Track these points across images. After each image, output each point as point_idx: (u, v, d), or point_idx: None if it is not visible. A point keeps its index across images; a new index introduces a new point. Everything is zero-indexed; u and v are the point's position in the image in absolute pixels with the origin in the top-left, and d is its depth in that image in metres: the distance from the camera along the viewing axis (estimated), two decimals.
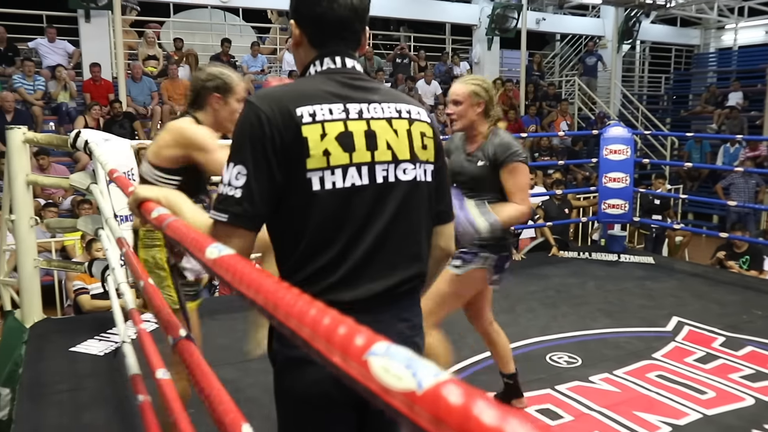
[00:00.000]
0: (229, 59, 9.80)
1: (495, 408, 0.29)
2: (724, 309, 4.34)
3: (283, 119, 1.18)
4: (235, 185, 1.18)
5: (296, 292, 0.47)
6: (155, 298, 1.41)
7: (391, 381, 0.33)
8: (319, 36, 1.29)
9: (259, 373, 3.28)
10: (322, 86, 1.25)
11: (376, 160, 1.24)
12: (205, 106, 2.22)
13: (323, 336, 0.39)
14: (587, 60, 12.55)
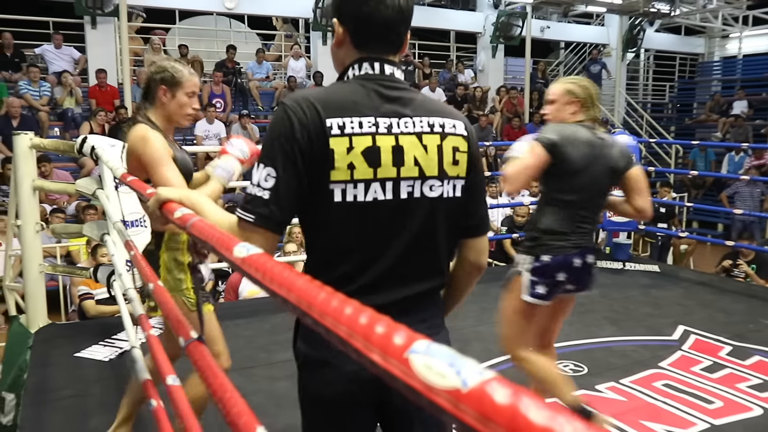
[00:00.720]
0: (234, 66, 9.85)
1: (542, 406, 0.29)
2: (730, 318, 4.32)
3: (314, 127, 1.18)
4: (264, 186, 1.19)
5: (329, 291, 0.47)
6: (165, 301, 1.41)
7: (434, 379, 0.33)
8: (363, 37, 1.26)
9: (263, 381, 3.27)
10: (355, 96, 1.23)
11: (401, 176, 1.23)
12: (154, 99, 2.20)
13: (361, 334, 0.39)
14: (591, 68, 12.57)
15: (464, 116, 1.37)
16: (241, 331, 3.98)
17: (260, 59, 10.38)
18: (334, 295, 0.45)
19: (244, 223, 1.20)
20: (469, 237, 1.40)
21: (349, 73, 1.28)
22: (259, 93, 10.04)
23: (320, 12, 10.00)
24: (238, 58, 10.10)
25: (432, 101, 1.35)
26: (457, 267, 1.44)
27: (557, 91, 2.39)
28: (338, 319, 0.41)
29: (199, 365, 1.05)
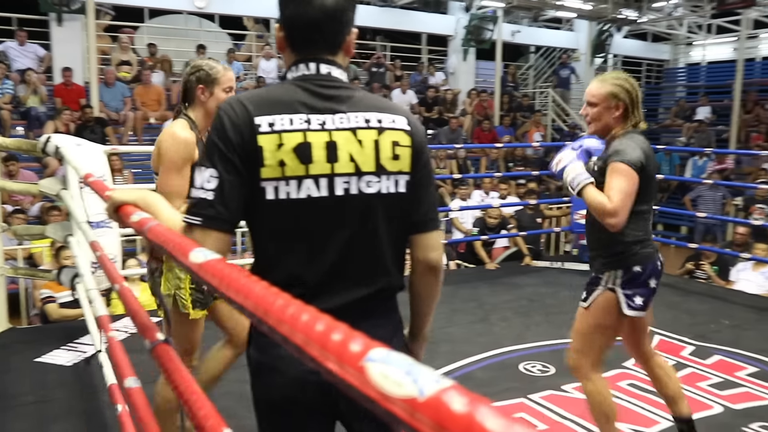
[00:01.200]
0: None
1: (498, 415, 0.29)
2: (693, 319, 4.41)
3: (244, 126, 1.19)
4: (207, 188, 1.19)
5: (286, 297, 0.46)
6: (131, 303, 1.39)
7: (391, 387, 0.33)
8: (295, 38, 1.27)
9: (231, 383, 3.23)
10: (289, 94, 1.23)
11: (335, 172, 1.22)
12: (194, 100, 2.21)
13: (318, 341, 0.38)
14: (561, 72, 12.73)
15: (408, 111, 1.37)
16: (206, 332, 3.93)
17: (231, 59, 10.28)
18: (291, 301, 0.45)
19: (192, 227, 1.19)
20: (416, 233, 1.36)
21: (288, 74, 1.28)
22: None
23: None
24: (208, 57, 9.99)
25: (372, 97, 1.34)
26: (411, 268, 1.41)
27: (599, 93, 2.26)
28: (294, 326, 0.41)
29: (166, 368, 1.04)
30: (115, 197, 1.25)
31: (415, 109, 10.57)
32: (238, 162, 1.19)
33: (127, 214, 1.16)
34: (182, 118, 2.19)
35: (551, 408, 2.99)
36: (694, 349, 3.77)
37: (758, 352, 3.70)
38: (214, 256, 0.63)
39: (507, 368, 3.46)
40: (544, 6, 11.54)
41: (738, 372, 3.43)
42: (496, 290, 5.00)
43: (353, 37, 1.33)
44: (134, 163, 8.67)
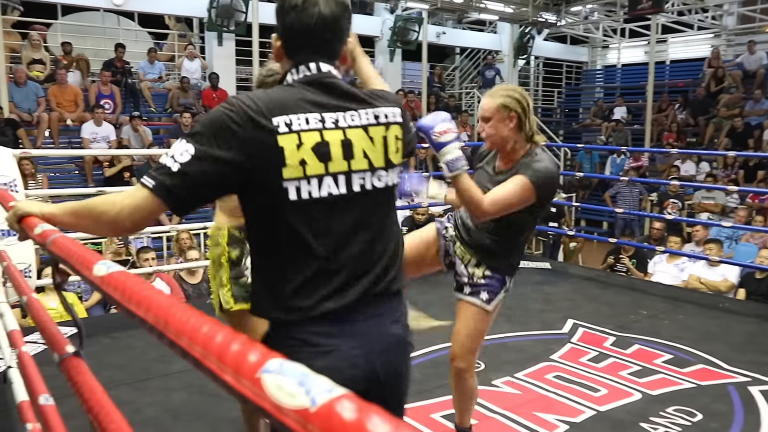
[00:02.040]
0: (124, 65, 9.40)
1: (389, 422, 0.28)
2: (614, 310, 4.60)
3: (260, 125, 1.19)
4: (177, 160, 1.16)
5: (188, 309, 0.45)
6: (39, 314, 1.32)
7: (284, 399, 0.32)
8: (292, 46, 1.30)
9: (159, 393, 3.14)
10: (298, 95, 1.25)
11: (352, 169, 1.26)
12: None
13: (215, 354, 0.37)
14: (486, 73, 13.01)
15: (400, 99, 1.43)
16: (135, 342, 3.80)
17: (152, 59, 9.97)
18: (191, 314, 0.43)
19: (142, 188, 1.16)
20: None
21: (288, 78, 1.30)
22: (151, 94, 9.64)
23: (215, 12, 9.73)
24: (128, 57, 9.65)
25: (377, 91, 1.39)
26: None
27: (490, 107, 2.25)
28: (193, 339, 0.39)
29: (73, 381, 0.99)
30: (18, 207, 1.20)
31: None
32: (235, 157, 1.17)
33: (30, 226, 1.10)
34: None
35: (481, 403, 3.04)
36: (615, 339, 3.92)
37: (673, 339, 3.89)
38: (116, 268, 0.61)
39: (439, 366, 3.50)
40: (468, 8, 11.76)
41: (655, 360, 3.59)
42: (425, 289, 5.05)
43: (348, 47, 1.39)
44: (50, 166, 8.28)
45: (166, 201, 1.16)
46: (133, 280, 0.55)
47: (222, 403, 2.98)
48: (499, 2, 11.93)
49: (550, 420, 2.88)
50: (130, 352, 3.65)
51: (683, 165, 10.00)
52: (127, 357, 3.57)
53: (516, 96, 2.25)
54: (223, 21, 9.83)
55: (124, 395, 3.04)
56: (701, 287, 5.56)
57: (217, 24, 9.85)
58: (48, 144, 8.21)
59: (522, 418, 2.89)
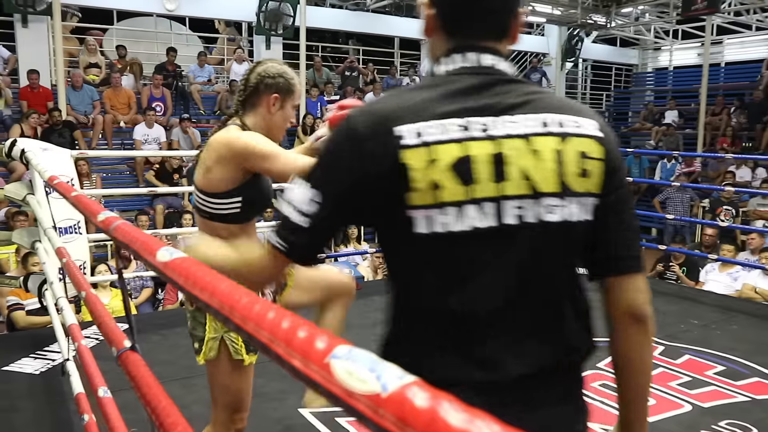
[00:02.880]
0: (175, 69, 9.64)
1: (462, 410, 0.28)
2: (663, 319, 4.48)
3: (380, 138, 0.92)
4: (304, 211, 0.94)
5: (252, 295, 0.46)
6: (97, 310, 1.36)
7: (354, 384, 0.32)
8: (457, 18, 0.99)
9: (204, 389, 3.19)
10: (441, 95, 0.95)
11: (505, 195, 0.92)
12: (257, 106, 1.87)
13: (283, 339, 0.38)
14: (532, 76, 12.87)
15: (597, 113, 1.04)
16: (181, 339, 3.87)
17: (202, 62, 10.20)
18: (256, 299, 0.44)
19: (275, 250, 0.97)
20: (612, 275, 1.03)
21: (440, 68, 1.00)
22: (200, 97, 9.87)
23: (263, 16, 9.90)
24: (179, 60, 9.89)
25: (550, 95, 1.04)
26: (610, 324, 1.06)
27: None
28: (260, 324, 0.40)
29: (132, 375, 1.02)
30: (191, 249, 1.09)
31: None
32: (359, 189, 0.93)
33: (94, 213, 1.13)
34: (234, 125, 1.85)
35: None
36: (664, 348, 3.83)
37: (726, 351, 3.77)
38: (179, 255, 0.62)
39: None
40: None
41: (707, 371, 3.49)
42: None
43: (521, 21, 1.02)
44: (104, 167, 8.55)
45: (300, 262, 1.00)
46: (197, 266, 0.56)
47: (267, 402, 3.02)
48: (547, 4, 11.79)
49: (597, 429, 2.83)
50: (177, 349, 3.73)
51: (738, 171, 9.68)
52: (175, 354, 3.65)
53: None
54: (271, 25, 10.00)
55: (172, 391, 3.09)
56: (756, 297, 5.37)
57: (266, 28, 10.02)
58: (102, 145, 8.49)
59: None
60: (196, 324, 1.85)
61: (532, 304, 0.96)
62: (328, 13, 11.53)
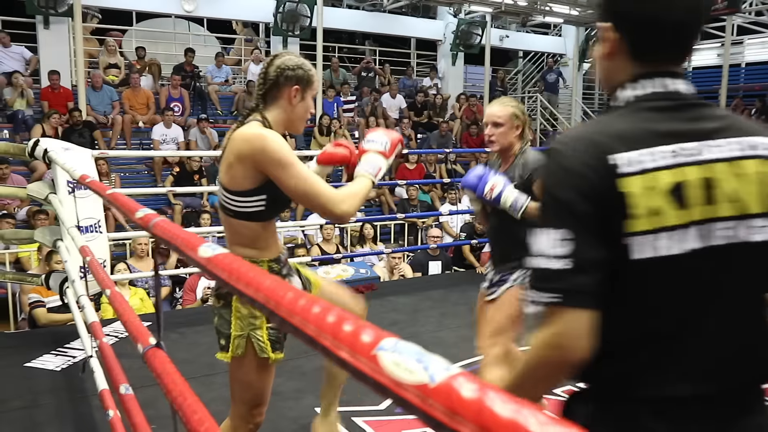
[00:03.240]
0: (193, 69, 9.72)
1: (508, 400, 0.29)
2: None
3: (596, 168, 0.95)
4: (556, 255, 0.93)
5: (297, 291, 0.47)
6: (122, 308, 1.39)
7: (402, 375, 0.33)
8: (647, 44, 1.01)
9: (223, 388, 3.22)
10: (643, 122, 0.98)
11: (716, 217, 0.96)
12: (278, 99, 1.87)
13: (330, 332, 0.39)
14: (548, 77, 12.83)
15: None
16: (201, 338, 3.92)
17: (219, 63, 10.27)
18: (301, 294, 0.45)
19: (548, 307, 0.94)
20: None
21: (627, 93, 1.03)
22: (218, 97, 9.94)
23: (280, 17, 9.96)
24: (196, 61, 9.97)
25: (738, 119, 1.06)
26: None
27: (504, 114, 2.47)
28: (306, 318, 0.41)
29: (158, 372, 1.04)
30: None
31: (405, 113, 10.60)
32: (592, 215, 0.94)
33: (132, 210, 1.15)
34: (256, 120, 1.84)
35: None
36: None
37: None
38: (220, 250, 0.64)
39: None
40: (532, 11, 11.62)
41: None
42: None
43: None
44: (122, 167, 8.64)
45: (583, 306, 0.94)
46: (238, 262, 0.58)
47: (284, 401, 3.04)
48: (565, 5, 11.74)
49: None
50: (196, 347, 3.77)
51: None
52: (194, 352, 3.68)
53: (521, 108, 2.55)
54: (288, 26, 10.05)
55: (192, 389, 3.14)
56: None
57: (283, 29, 10.07)
58: (121, 145, 8.58)
59: None
60: (222, 321, 1.85)
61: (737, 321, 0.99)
62: (345, 13, 11.56)
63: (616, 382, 0.99)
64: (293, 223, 6.49)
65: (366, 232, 6.80)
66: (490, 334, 2.49)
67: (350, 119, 10.25)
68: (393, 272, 5.91)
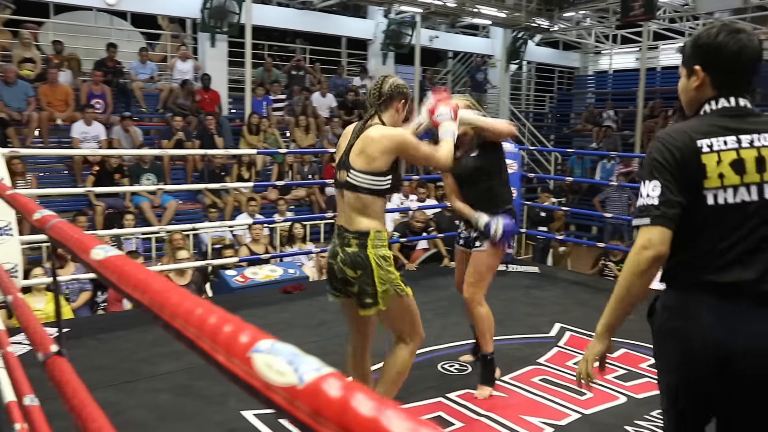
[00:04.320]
0: (116, 65, 9.38)
1: (373, 400, 0.30)
2: (602, 314, 4.63)
3: (687, 148, 1.56)
4: (652, 196, 1.57)
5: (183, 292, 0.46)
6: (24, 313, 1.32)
7: (273, 377, 0.33)
8: (725, 82, 1.62)
9: (146, 394, 3.13)
10: (716, 122, 1.59)
11: (764, 180, 1.57)
12: (389, 108, 2.56)
13: (209, 335, 0.38)
14: (477, 75, 13.07)
15: None
16: (122, 344, 3.79)
17: (144, 59, 9.94)
18: (187, 296, 0.44)
19: (642, 227, 1.57)
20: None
21: (706, 107, 1.64)
22: (143, 94, 9.62)
23: (208, 13, 9.73)
24: (119, 57, 9.62)
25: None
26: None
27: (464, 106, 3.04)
28: (188, 320, 0.41)
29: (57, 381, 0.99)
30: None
31: (336, 112, 10.56)
32: (678, 175, 1.56)
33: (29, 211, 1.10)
34: (376, 123, 2.54)
35: (468, 406, 3.06)
36: None
37: None
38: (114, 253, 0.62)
39: (426, 368, 3.52)
40: (461, 13, 11.82)
41: (641, 363, 3.63)
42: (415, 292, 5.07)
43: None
44: (40, 166, 8.24)
45: (663, 225, 1.55)
46: (130, 265, 0.56)
47: (209, 406, 2.98)
48: (492, 7, 12.00)
49: (536, 423, 2.91)
50: (117, 353, 3.64)
51: None
52: (115, 358, 3.56)
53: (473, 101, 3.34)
54: (216, 22, 9.83)
55: (111, 397, 3.04)
56: None
57: (210, 25, 9.85)
58: (38, 143, 8.17)
59: (508, 420, 2.91)
60: (365, 286, 2.45)
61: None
62: (275, 11, 11.43)
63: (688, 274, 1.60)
64: (220, 223, 6.35)
65: (296, 231, 6.74)
66: (473, 282, 3.25)
67: (280, 118, 10.13)
68: (322, 271, 5.89)
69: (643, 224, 1.56)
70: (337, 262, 2.51)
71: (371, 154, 2.43)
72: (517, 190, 6.15)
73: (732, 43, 1.58)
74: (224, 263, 5.36)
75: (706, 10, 11.71)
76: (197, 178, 8.52)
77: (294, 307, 4.66)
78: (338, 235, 2.55)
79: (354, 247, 2.46)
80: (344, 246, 2.49)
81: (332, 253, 2.56)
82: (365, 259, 2.44)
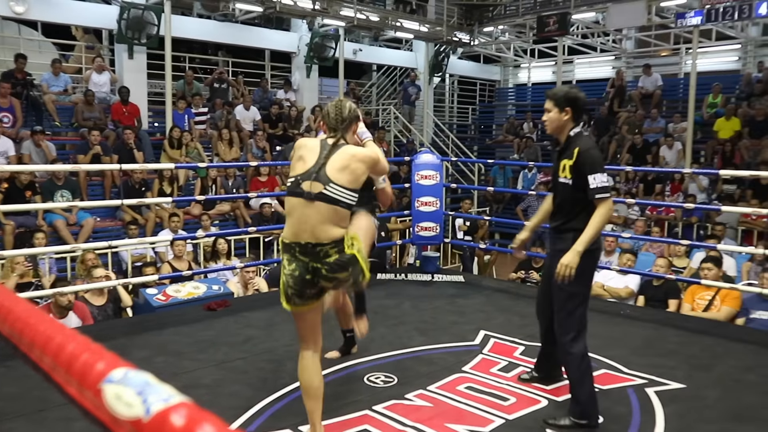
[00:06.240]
0: (25, 77, 8.94)
1: (221, 429, 0.29)
2: (524, 320, 4.74)
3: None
4: (606, 181, 2.81)
5: (47, 318, 0.43)
6: None
7: (121, 409, 0.32)
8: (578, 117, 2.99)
9: (57, 423, 2.97)
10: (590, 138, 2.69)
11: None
12: (348, 130, 2.83)
13: (63, 365, 0.36)
14: (410, 89, 13.22)
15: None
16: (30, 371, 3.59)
17: (57, 70, 9.53)
18: (49, 323, 0.42)
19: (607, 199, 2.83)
20: None
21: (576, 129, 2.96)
22: (55, 108, 9.21)
23: (125, 24, 9.43)
24: (29, 68, 9.18)
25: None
26: None
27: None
28: (44, 350, 0.39)
29: None
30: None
31: (260, 125, 10.44)
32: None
33: None
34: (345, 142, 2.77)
35: (394, 417, 3.07)
36: (524, 348, 4.05)
37: None
38: None
39: (352, 381, 3.51)
40: (384, 27, 11.96)
41: (562, 368, 3.74)
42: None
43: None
44: None
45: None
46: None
47: None
48: (414, 21, 12.21)
49: (461, 431, 2.95)
50: (27, 380, 3.44)
51: None
52: (24, 386, 3.36)
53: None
54: (134, 33, 9.55)
55: (20, 428, 2.87)
56: (605, 294, 5.84)
57: (128, 36, 9.56)
58: None
59: (434, 430, 2.93)
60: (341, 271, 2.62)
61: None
62: (196, 23, 11.21)
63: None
64: (139, 240, 6.14)
65: (220, 247, 6.60)
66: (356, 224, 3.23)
67: (202, 131, 9.92)
68: (247, 287, 5.79)
69: (607, 196, 2.80)
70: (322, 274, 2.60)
71: (356, 171, 2.65)
72: (440, 201, 6.25)
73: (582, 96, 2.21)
74: (145, 281, 5.17)
75: (615, 26, 12.33)
76: (116, 194, 8.22)
77: (218, 325, 4.55)
78: (304, 253, 2.59)
79: (334, 254, 2.58)
80: (324, 258, 2.58)
81: (304, 269, 2.60)
82: (351, 257, 2.61)
